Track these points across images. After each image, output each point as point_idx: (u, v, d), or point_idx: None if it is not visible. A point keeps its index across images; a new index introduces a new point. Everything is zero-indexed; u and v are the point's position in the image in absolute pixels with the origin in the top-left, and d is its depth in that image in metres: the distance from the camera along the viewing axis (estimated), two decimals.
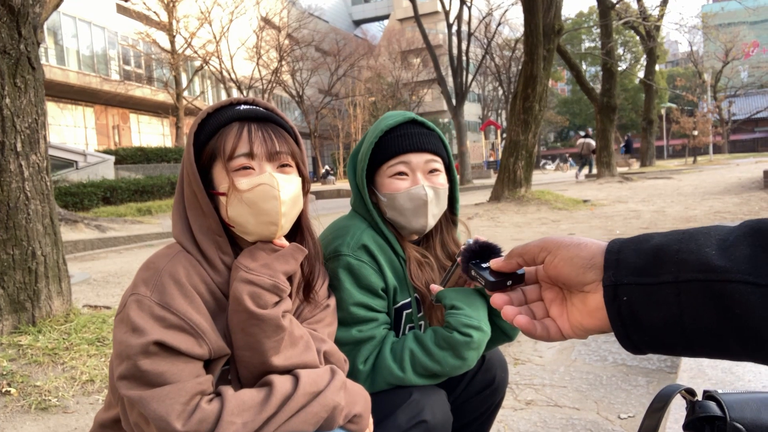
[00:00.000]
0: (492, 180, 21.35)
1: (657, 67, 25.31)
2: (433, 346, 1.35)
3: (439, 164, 1.50)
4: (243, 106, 1.21)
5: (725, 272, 0.52)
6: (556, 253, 0.66)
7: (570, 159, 45.20)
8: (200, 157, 1.18)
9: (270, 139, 1.18)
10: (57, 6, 4.86)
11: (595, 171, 19.96)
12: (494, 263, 0.72)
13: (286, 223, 1.20)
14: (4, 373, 2.52)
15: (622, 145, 32.21)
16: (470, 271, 0.76)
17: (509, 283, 0.71)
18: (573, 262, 0.64)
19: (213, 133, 1.18)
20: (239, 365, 1.17)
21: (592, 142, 21.18)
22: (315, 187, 29.68)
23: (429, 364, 1.35)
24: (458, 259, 1.41)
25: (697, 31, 38.39)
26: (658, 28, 23.50)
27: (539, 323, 0.68)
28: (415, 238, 1.54)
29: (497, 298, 0.71)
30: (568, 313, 0.67)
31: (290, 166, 1.22)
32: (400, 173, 1.47)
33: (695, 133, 35.89)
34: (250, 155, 1.16)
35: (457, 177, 1.60)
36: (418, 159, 1.47)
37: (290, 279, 1.22)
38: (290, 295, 1.25)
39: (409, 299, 1.49)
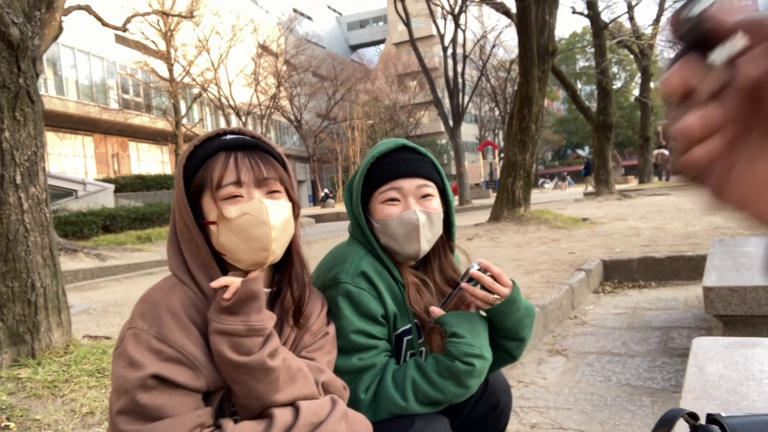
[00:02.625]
0: (491, 200, 21.38)
1: (652, 85, 25.42)
2: (435, 374, 1.34)
3: (432, 189, 1.50)
4: (229, 136, 1.22)
5: None
6: None
7: (568, 177, 45.28)
8: (189, 188, 1.20)
9: (257, 165, 1.19)
10: (56, 38, 4.92)
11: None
12: None
13: (278, 249, 1.19)
14: (3, 407, 2.50)
15: (582, 167, 30.07)
16: None
17: None
18: None
19: (200, 164, 1.19)
20: (240, 413, 1.16)
21: (666, 153, 23.15)
22: (314, 210, 29.71)
23: (431, 392, 1.34)
24: (461, 283, 1.40)
25: None
26: (651, 46, 23.68)
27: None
28: (411, 263, 1.54)
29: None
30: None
31: (279, 191, 1.22)
32: (392, 199, 1.47)
33: None
34: (238, 183, 1.16)
35: (453, 201, 1.60)
36: (409, 184, 1.47)
37: (273, 309, 1.21)
38: (282, 325, 1.24)
39: (409, 325, 1.48)
